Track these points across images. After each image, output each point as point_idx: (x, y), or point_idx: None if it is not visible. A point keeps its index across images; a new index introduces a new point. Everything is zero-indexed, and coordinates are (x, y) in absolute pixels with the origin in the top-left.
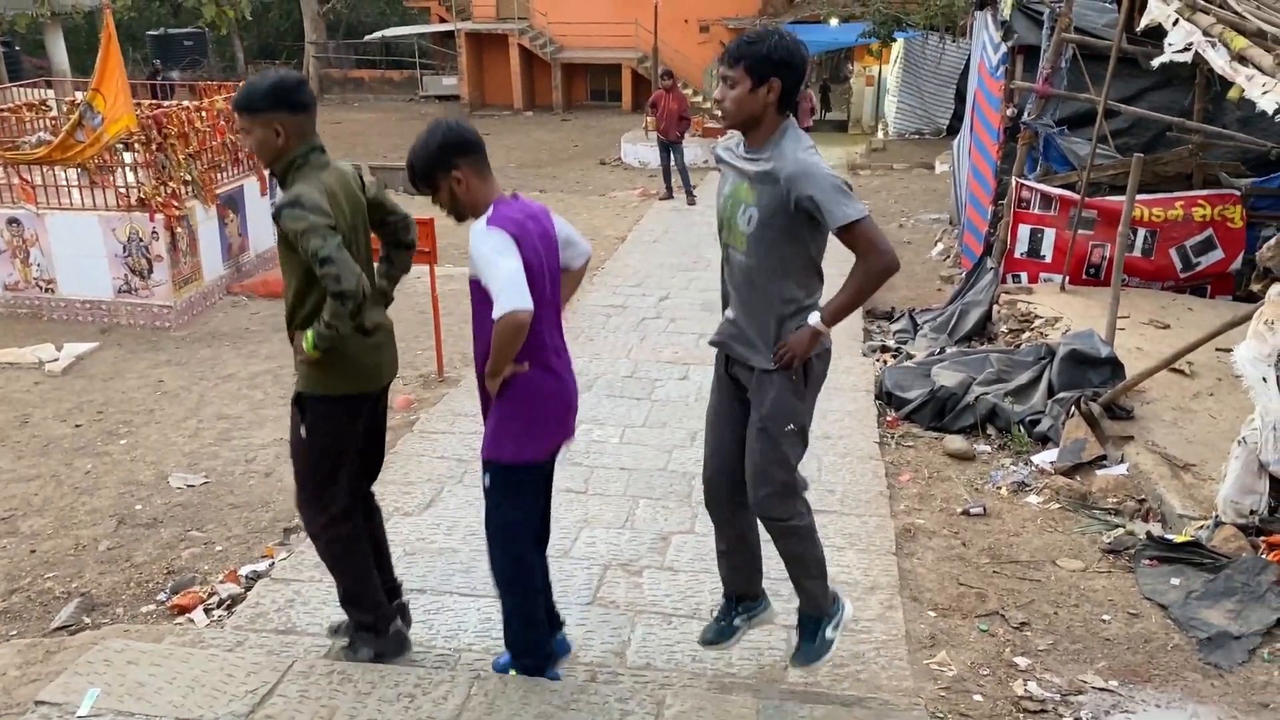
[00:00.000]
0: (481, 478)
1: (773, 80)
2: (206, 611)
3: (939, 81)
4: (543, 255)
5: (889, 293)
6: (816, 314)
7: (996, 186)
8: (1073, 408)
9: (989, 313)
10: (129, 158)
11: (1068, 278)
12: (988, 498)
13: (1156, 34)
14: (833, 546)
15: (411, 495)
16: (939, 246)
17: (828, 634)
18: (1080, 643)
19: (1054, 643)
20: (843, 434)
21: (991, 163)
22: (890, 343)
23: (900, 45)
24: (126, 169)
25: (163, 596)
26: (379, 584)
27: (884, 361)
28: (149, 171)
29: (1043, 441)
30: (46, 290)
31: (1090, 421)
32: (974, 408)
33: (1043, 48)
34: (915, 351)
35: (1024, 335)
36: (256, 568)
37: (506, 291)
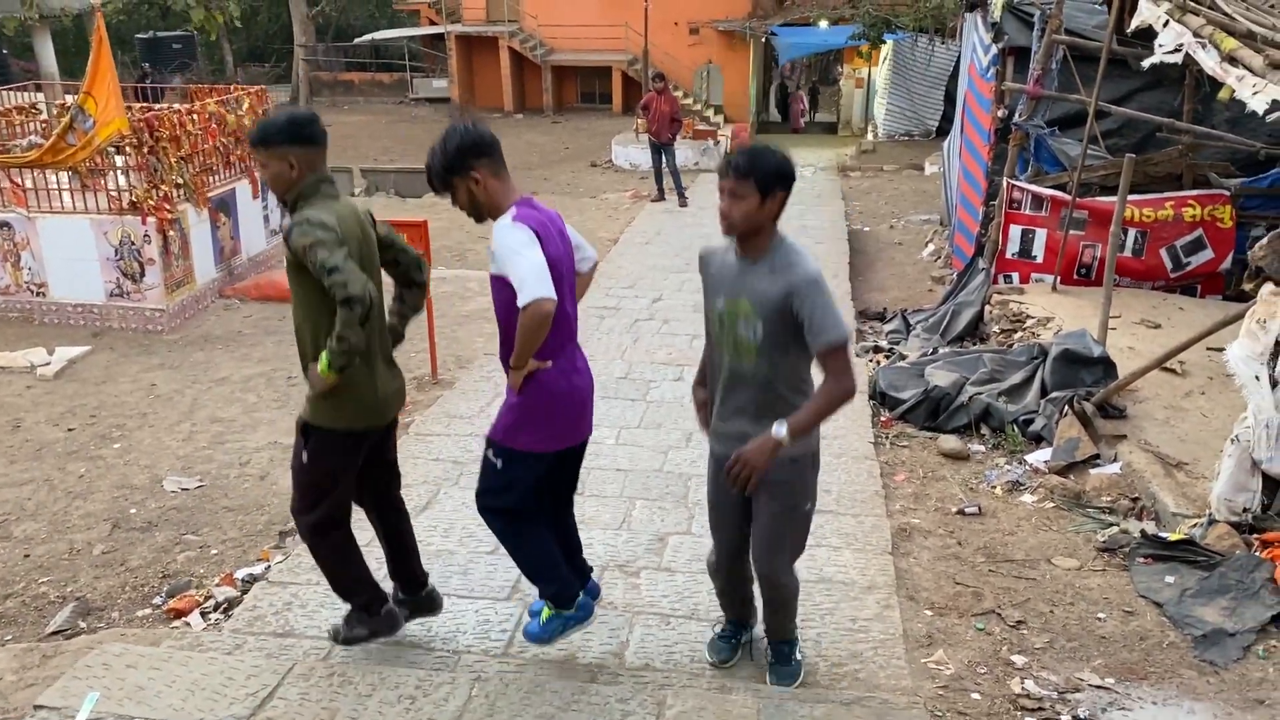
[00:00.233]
0: (485, 449)
1: (778, 192)
2: (203, 615)
3: (928, 83)
4: (562, 255)
5: (881, 294)
6: (783, 425)
7: (988, 187)
8: (1066, 407)
9: (981, 313)
10: (121, 161)
11: (1059, 278)
12: (982, 497)
13: (1146, 35)
14: (829, 546)
15: (408, 498)
16: (930, 247)
17: (798, 656)
18: (1076, 641)
19: (1050, 641)
20: (838, 434)
21: (982, 164)
22: (883, 343)
23: (889, 47)
24: (118, 172)
25: (158, 600)
26: (369, 571)
27: (877, 362)
28: (141, 174)
29: (1036, 441)
30: (38, 294)
31: (1083, 421)
32: (968, 407)
33: (1033, 49)
34: (908, 352)
35: (1016, 335)
36: (252, 571)
37: (530, 282)
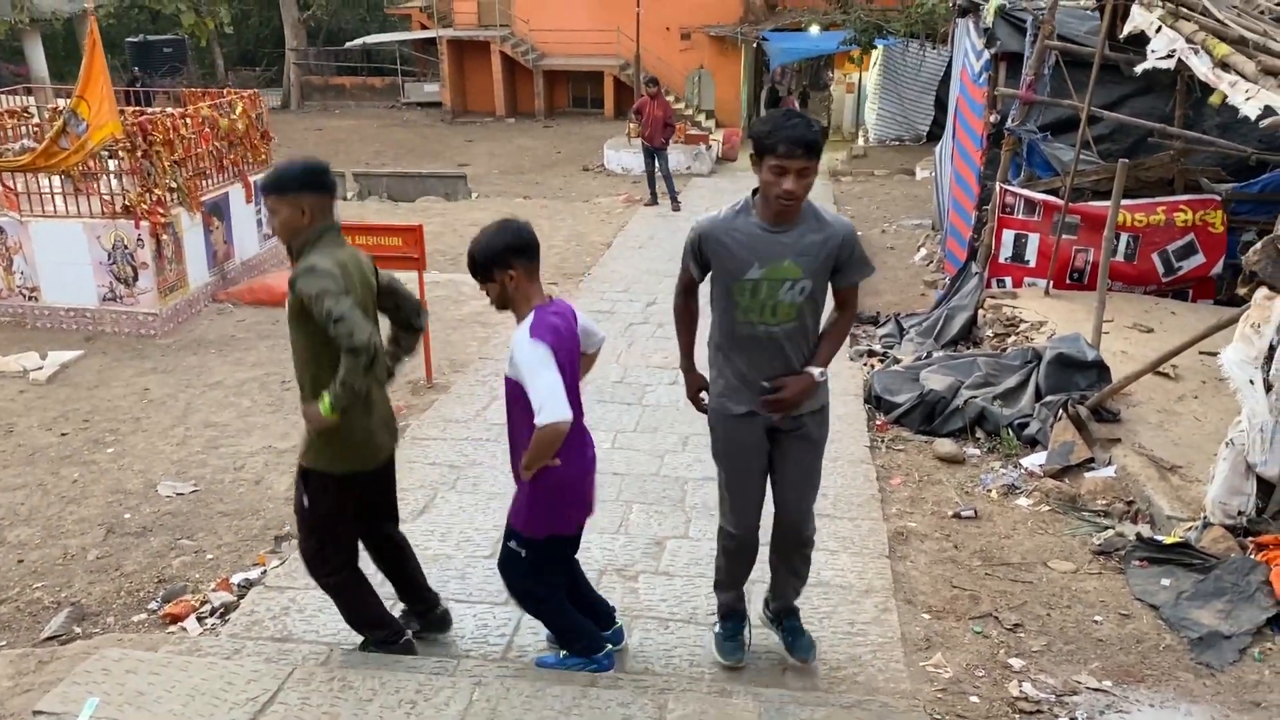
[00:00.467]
0: (506, 539)
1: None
2: (199, 620)
3: (919, 88)
4: (571, 353)
5: (874, 298)
6: (819, 366)
7: (980, 192)
8: (1060, 411)
9: (974, 317)
10: (114, 165)
11: (1051, 282)
12: (978, 500)
13: (1138, 41)
14: (826, 550)
15: (405, 502)
16: (922, 252)
17: (805, 627)
18: (1073, 644)
19: (1047, 644)
20: (834, 438)
21: (975, 168)
22: (877, 347)
23: (880, 52)
24: (111, 176)
25: (154, 605)
26: (380, 604)
27: (871, 366)
28: (134, 178)
29: (1031, 444)
30: (30, 298)
31: (1078, 424)
32: (963, 411)
33: (1026, 55)
34: (902, 356)
35: (1009, 339)
36: (249, 575)
37: (549, 404)
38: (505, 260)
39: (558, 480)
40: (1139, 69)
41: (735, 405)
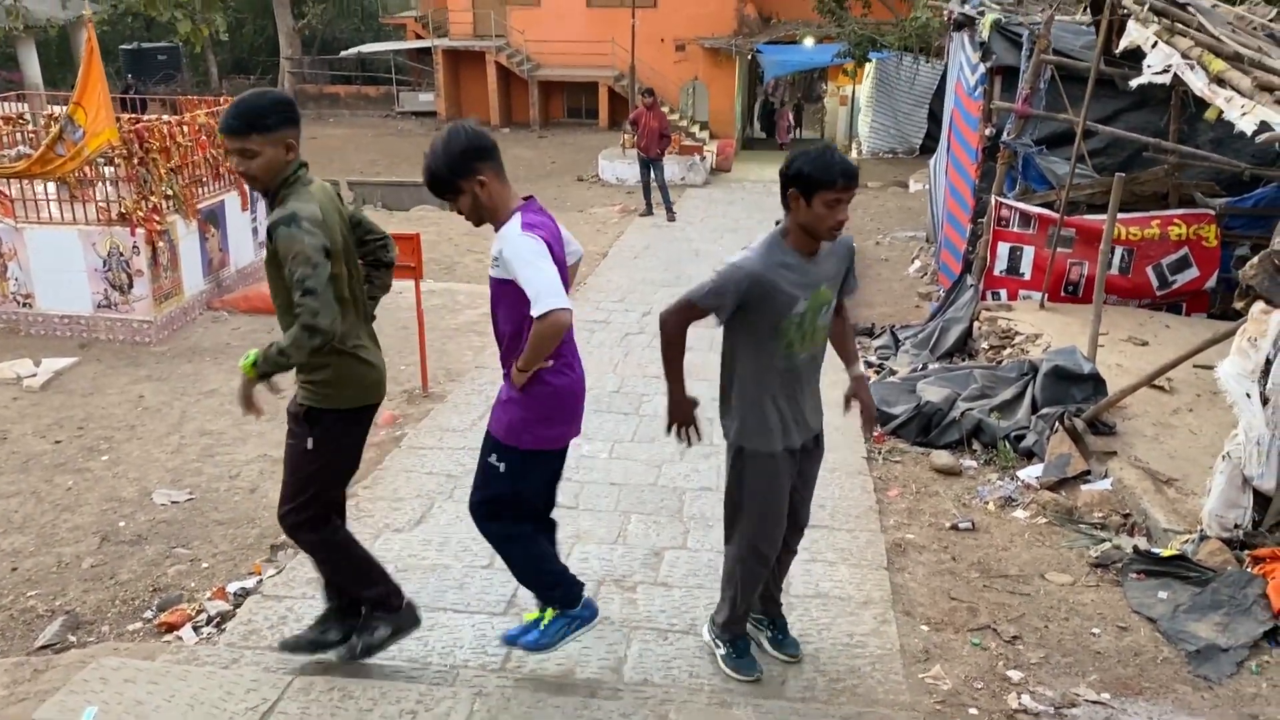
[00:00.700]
0: (486, 454)
1: None
2: (195, 629)
3: (912, 101)
4: (559, 255)
5: (868, 309)
6: (861, 366)
7: (975, 205)
8: (1056, 423)
9: (969, 329)
10: (110, 172)
11: (1047, 295)
12: (975, 512)
13: (1133, 56)
14: (825, 561)
15: (401, 511)
16: (916, 264)
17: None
18: (1071, 656)
19: (1045, 656)
20: (831, 449)
21: (970, 181)
22: (872, 358)
23: (873, 65)
24: (107, 183)
25: (149, 614)
26: (376, 560)
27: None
28: (130, 186)
29: (1028, 456)
30: (24, 305)
31: (1074, 437)
32: (959, 423)
33: (1021, 69)
34: (898, 367)
35: (1005, 352)
36: (245, 584)
37: (547, 294)
38: (470, 167)
39: (551, 391)
40: (1134, 83)
41: (774, 443)
